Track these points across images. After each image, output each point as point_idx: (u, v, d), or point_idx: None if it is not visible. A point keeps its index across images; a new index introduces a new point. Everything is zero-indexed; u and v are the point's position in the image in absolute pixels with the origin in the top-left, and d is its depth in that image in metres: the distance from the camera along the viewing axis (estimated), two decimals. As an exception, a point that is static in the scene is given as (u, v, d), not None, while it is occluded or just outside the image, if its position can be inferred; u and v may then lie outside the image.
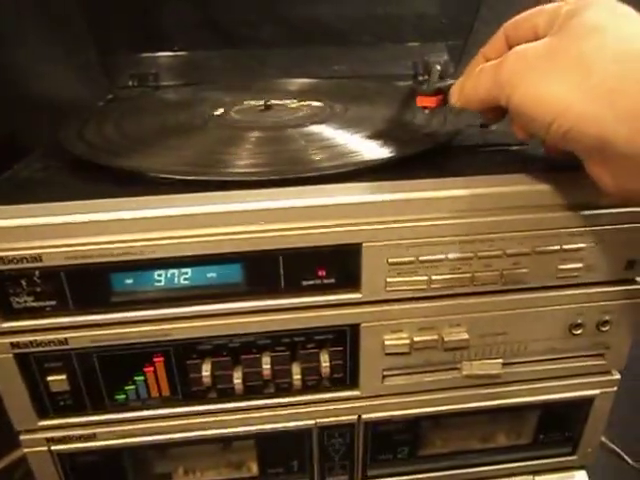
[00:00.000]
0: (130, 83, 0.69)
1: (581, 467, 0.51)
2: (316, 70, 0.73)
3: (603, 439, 0.56)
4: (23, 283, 0.35)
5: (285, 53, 0.75)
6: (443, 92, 0.40)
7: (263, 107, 0.52)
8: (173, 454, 0.45)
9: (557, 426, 0.48)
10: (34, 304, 0.35)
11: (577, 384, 0.45)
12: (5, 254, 0.34)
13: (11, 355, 0.37)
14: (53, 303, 0.36)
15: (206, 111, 0.51)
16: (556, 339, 0.42)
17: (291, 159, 0.40)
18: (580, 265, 0.39)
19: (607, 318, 0.42)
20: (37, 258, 0.34)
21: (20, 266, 0.34)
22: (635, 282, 0.41)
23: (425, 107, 0.41)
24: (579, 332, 0.42)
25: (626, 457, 0.56)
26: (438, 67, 0.60)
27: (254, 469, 0.47)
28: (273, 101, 0.53)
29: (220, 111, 0.52)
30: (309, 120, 0.48)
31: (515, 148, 0.43)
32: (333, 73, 0.73)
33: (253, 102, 0.54)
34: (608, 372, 0.45)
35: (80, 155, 0.40)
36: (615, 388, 0.46)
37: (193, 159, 0.40)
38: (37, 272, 0.34)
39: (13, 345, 0.36)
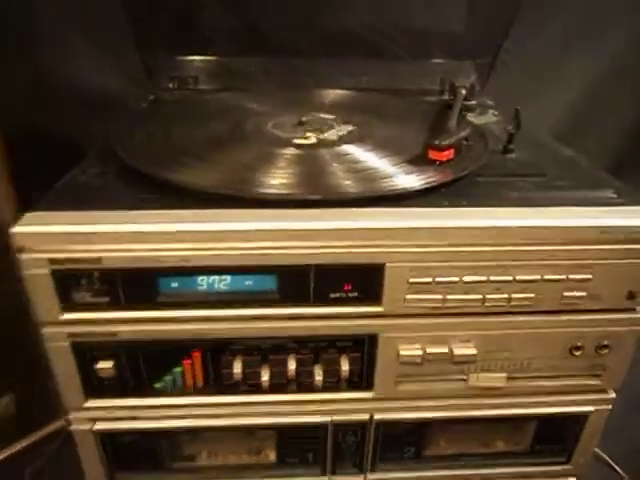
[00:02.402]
0: (170, 85, 0.73)
1: (574, 476, 0.55)
2: (346, 81, 0.76)
3: (596, 449, 0.60)
4: (83, 281, 0.39)
5: (318, 63, 0.78)
6: (454, 147, 0.44)
7: (297, 123, 0.56)
8: (200, 438, 0.50)
9: (553, 437, 0.52)
10: (91, 300, 0.40)
11: (574, 400, 0.49)
12: (69, 256, 0.38)
13: (68, 343, 0.42)
14: (107, 300, 0.40)
15: (244, 124, 0.55)
16: (557, 359, 0.46)
17: (323, 181, 0.44)
18: (584, 294, 0.42)
19: (606, 343, 0.45)
20: (97, 260, 0.38)
21: (81, 266, 0.38)
22: (635, 311, 0.44)
23: (436, 160, 0.45)
24: (579, 354, 0.46)
25: (616, 467, 0.60)
26: (463, 91, 0.64)
27: (272, 457, 0.51)
28: (306, 117, 0.57)
29: (257, 125, 0.55)
30: (341, 139, 0.51)
31: (533, 180, 0.46)
32: (363, 84, 0.76)
33: (288, 117, 0.58)
34: (604, 391, 0.49)
35: (132, 165, 0.44)
36: (610, 406, 0.50)
37: (232, 175, 0.44)
38: (96, 272, 0.39)
39: (70, 335, 0.41)
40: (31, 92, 0.77)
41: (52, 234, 0.38)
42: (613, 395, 0.49)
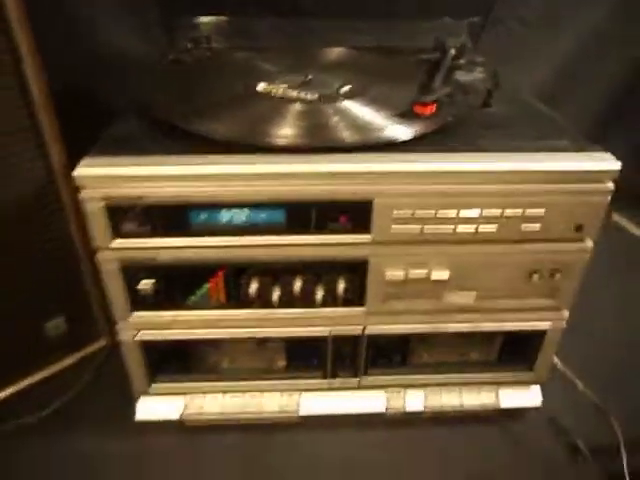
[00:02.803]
0: (187, 45, 0.81)
1: (536, 383, 0.65)
2: (348, 40, 0.83)
3: (559, 365, 0.70)
4: (129, 214, 0.49)
5: (322, 23, 0.85)
6: (436, 102, 0.52)
7: (304, 80, 0.64)
8: (222, 348, 0.61)
9: (518, 349, 0.62)
10: (135, 229, 0.49)
11: (534, 317, 0.58)
12: (117, 193, 0.47)
13: (116, 265, 0.51)
14: (148, 229, 0.50)
15: (256, 82, 0.62)
16: (517, 281, 0.55)
17: (324, 132, 0.52)
18: (538, 226, 0.51)
19: (559, 268, 0.54)
20: (141, 197, 0.48)
21: (127, 202, 0.48)
22: (582, 241, 0.53)
23: (420, 114, 0.52)
24: (536, 277, 0.55)
25: (577, 381, 0.70)
26: (452, 51, 0.71)
27: (282, 363, 0.62)
28: (310, 75, 0.64)
29: (267, 82, 0.63)
30: (340, 96, 0.59)
31: (502, 131, 0.54)
32: (364, 43, 0.83)
33: (295, 75, 0.65)
34: (558, 310, 0.58)
35: (163, 118, 0.53)
36: (564, 323, 0.59)
37: (248, 126, 0.52)
38: (139, 207, 0.48)
39: (119, 258, 0.51)
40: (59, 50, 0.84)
41: (103, 176, 0.47)
42: (567, 314, 0.59)
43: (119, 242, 0.50)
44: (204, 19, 0.84)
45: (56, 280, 0.67)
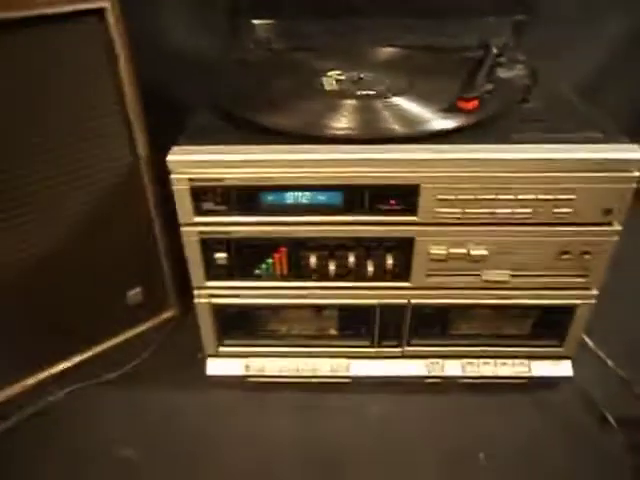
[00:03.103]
0: (249, 45, 0.89)
1: (567, 358, 0.71)
2: (397, 39, 0.89)
3: (588, 342, 0.75)
4: (209, 194, 0.57)
5: (373, 23, 0.91)
6: (478, 98, 0.58)
7: (356, 79, 0.71)
8: (282, 315, 0.68)
9: (549, 325, 0.67)
10: (213, 207, 0.58)
11: (565, 295, 0.64)
12: (200, 176, 0.56)
13: (197, 239, 0.60)
14: (224, 208, 0.58)
15: (315, 80, 0.70)
16: (549, 260, 0.61)
17: (376, 124, 0.59)
18: (570, 210, 0.57)
19: (588, 249, 0.60)
20: (220, 180, 0.56)
21: (208, 184, 0.56)
22: (611, 225, 0.58)
23: (463, 109, 0.59)
24: (567, 257, 0.60)
25: (608, 360, 0.75)
26: (494, 49, 0.77)
27: (333, 331, 0.69)
28: (363, 74, 0.71)
29: (325, 79, 0.70)
30: (390, 92, 0.66)
31: (538, 124, 0.60)
32: (411, 42, 0.89)
33: (349, 72, 0.72)
34: (588, 288, 0.63)
35: (237, 113, 0.61)
36: (594, 301, 0.64)
37: (309, 119, 0.60)
38: (218, 189, 0.56)
39: (199, 232, 0.60)
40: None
41: (190, 161, 0.55)
42: (596, 292, 0.64)
43: (200, 219, 0.58)
44: (263, 22, 0.91)
45: (137, 255, 0.76)
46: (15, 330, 0.70)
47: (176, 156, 0.55)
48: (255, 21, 0.91)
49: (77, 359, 0.76)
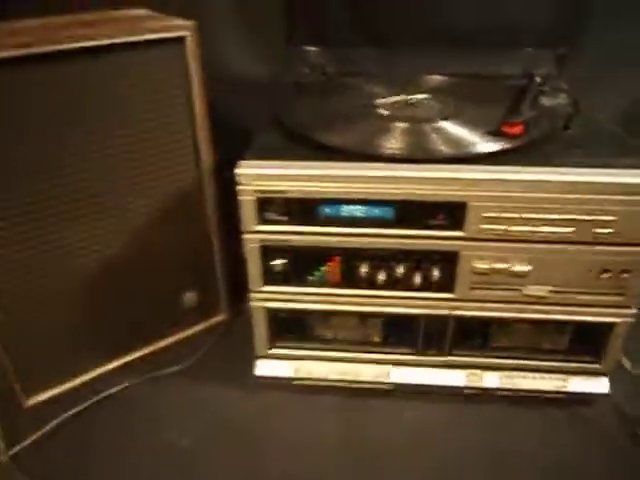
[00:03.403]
0: (304, 70, 0.95)
1: (604, 374, 0.73)
2: (445, 67, 0.94)
3: (624, 359, 0.77)
4: (272, 205, 0.62)
5: (419, 52, 0.97)
6: (523, 124, 0.62)
7: (406, 103, 0.76)
8: (329, 321, 0.73)
9: (587, 340, 0.70)
10: (275, 217, 0.63)
11: (603, 312, 0.67)
12: (266, 188, 0.61)
13: (257, 246, 0.65)
14: (285, 218, 0.63)
15: (368, 102, 0.75)
16: (589, 279, 0.64)
17: (426, 145, 0.64)
18: (610, 230, 0.60)
19: (627, 268, 0.63)
20: (282, 192, 0.61)
21: (272, 196, 0.62)
22: (650, 246, 0.62)
23: (508, 133, 0.63)
24: (606, 276, 0.63)
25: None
26: (538, 79, 0.81)
27: (378, 338, 0.73)
28: (413, 98, 0.76)
29: (377, 103, 0.76)
30: (438, 116, 0.71)
31: (579, 150, 0.64)
32: (456, 70, 0.94)
33: (399, 97, 0.78)
34: (627, 307, 0.66)
35: (298, 132, 0.67)
36: (632, 319, 0.67)
37: (364, 139, 0.65)
38: (280, 200, 0.62)
39: (260, 240, 0.65)
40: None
41: (257, 175, 0.61)
42: (634, 311, 0.66)
43: (262, 227, 0.64)
44: (317, 49, 0.98)
45: (194, 261, 0.82)
46: (85, 326, 0.76)
47: (244, 169, 0.61)
48: (309, 48, 0.98)
49: (137, 354, 0.82)
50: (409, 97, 0.77)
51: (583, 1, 0.97)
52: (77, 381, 0.78)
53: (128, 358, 0.82)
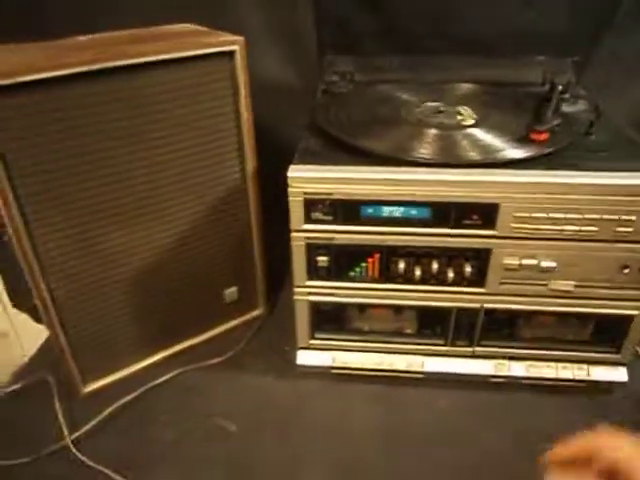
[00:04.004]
0: (334, 78, 1.00)
1: (623, 364, 0.78)
2: (468, 75, 0.99)
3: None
4: (319, 206, 0.68)
5: (444, 60, 1.02)
6: (548, 131, 0.67)
7: (437, 111, 0.81)
8: (366, 314, 0.78)
9: (608, 332, 0.75)
10: (321, 217, 0.68)
11: (624, 305, 0.72)
12: (312, 190, 0.66)
13: (303, 243, 0.71)
14: (330, 218, 0.68)
15: (399, 109, 0.81)
16: (611, 274, 0.69)
17: (458, 152, 0.69)
18: (631, 229, 0.65)
19: (646, 264, 0.68)
20: (329, 194, 0.67)
21: (319, 197, 0.67)
22: (668, 243, 0.67)
23: (535, 140, 0.68)
24: (627, 271, 0.69)
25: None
26: (560, 87, 0.86)
27: (412, 329, 0.79)
28: (443, 107, 0.82)
29: (408, 110, 0.81)
30: (467, 123, 0.76)
31: (601, 154, 0.69)
32: (480, 78, 0.99)
33: (429, 104, 0.83)
34: (646, 300, 0.71)
35: (335, 136, 0.72)
36: (650, 312, 0.72)
37: (399, 144, 0.70)
38: (327, 201, 0.67)
39: (306, 237, 0.70)
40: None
41: (306, 178, 0.66)
42: (653, 304, 0.72)
43: (308, 226, 0.69)
44: (345, 57, 1.03)
45: (235, 259, 0.88)
46: (137, 319, 0.82)
47: (294, 173, 0.66)
48: (336, 56, 1.03)
49: (183, 346, 0.88)
50: (438, 104, 0.82)
51: (601, 11, 1.01)
52: (130, 370, 0.84)
53: (176, 349, 0.87)
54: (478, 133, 0.74)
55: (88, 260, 0.73)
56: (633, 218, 0.65)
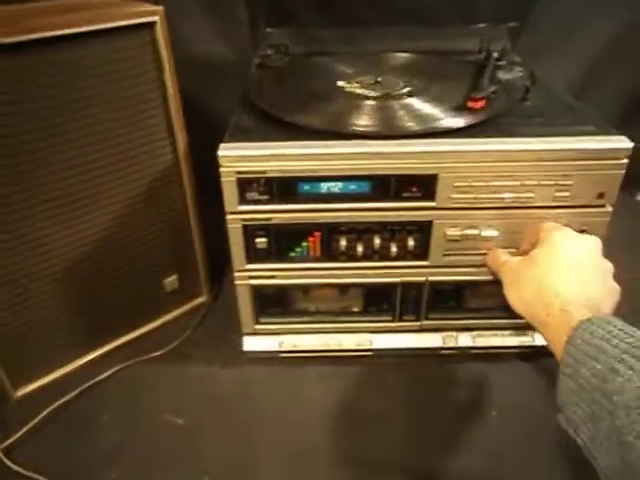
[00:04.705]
0: (268, 52, 0.96)
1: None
2: (404, 45, 0.97)
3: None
4: (254, 185, 0.64)
5: (380, 30, 0.99)
6: (485, 98, 0.66)
7: (374, 82, 0.79)
8: (311, 294, 0.76)
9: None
10: (256, 197, 0.65)
11: (564, 270, 0.72)
12: (245, 169, 0.63)
13: (240, 225, 0.67)
14: (266, 197, 0.65)
15: (334, 82, 0.78)
16: (551, 239, 0.69)
17: (395, 122, 0.67)
18: (568, 194, 0.65)
19: (585, 228, 0.68)
20: (262, 172, 0.63)
21: (253, 176, 0.64)
22: (604, 207, 0.67)
23: (472, 107, 0.67)
24: (566, 236, 0.69)
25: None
26: (495, 54, 0.85)
27: (357, 308, 0.77)
28: (379, 77, 0.79)
29: (344, 82, 0.78)
30: (404, 93, 0.74)
31: (537, 120, 0.68)
32: (415, 47, 0.97)
33: (365, 76, 0.80)
34: (585, 264, 0.72)
35: (268, 111, 0.69)
36: (589, 275, 0.73)
37: (333, 118, 0.68)
38: (262, 180, 0.64)
39: (242, 219, 0.67)
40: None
41: (237, 156, 0.63)
42: (591, 267, 0.72)
43: (244, 207, 0.66)
44: (280, 30, 0.99)
45: (173, 245, 0.83)
46: (70, 315, 0.77)
47: (225, 152, 0.62)
48: (270, 29, 0.99)
49: (124, 340, 0.83)
50: (375, 76, 0.79)
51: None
52: (66, 370, 0.79)
53: (115, 344, 0.83)
54: (415, 103, 0.72)
55: (13, 254, 0.67)
56: (570, 182, 0.65)
